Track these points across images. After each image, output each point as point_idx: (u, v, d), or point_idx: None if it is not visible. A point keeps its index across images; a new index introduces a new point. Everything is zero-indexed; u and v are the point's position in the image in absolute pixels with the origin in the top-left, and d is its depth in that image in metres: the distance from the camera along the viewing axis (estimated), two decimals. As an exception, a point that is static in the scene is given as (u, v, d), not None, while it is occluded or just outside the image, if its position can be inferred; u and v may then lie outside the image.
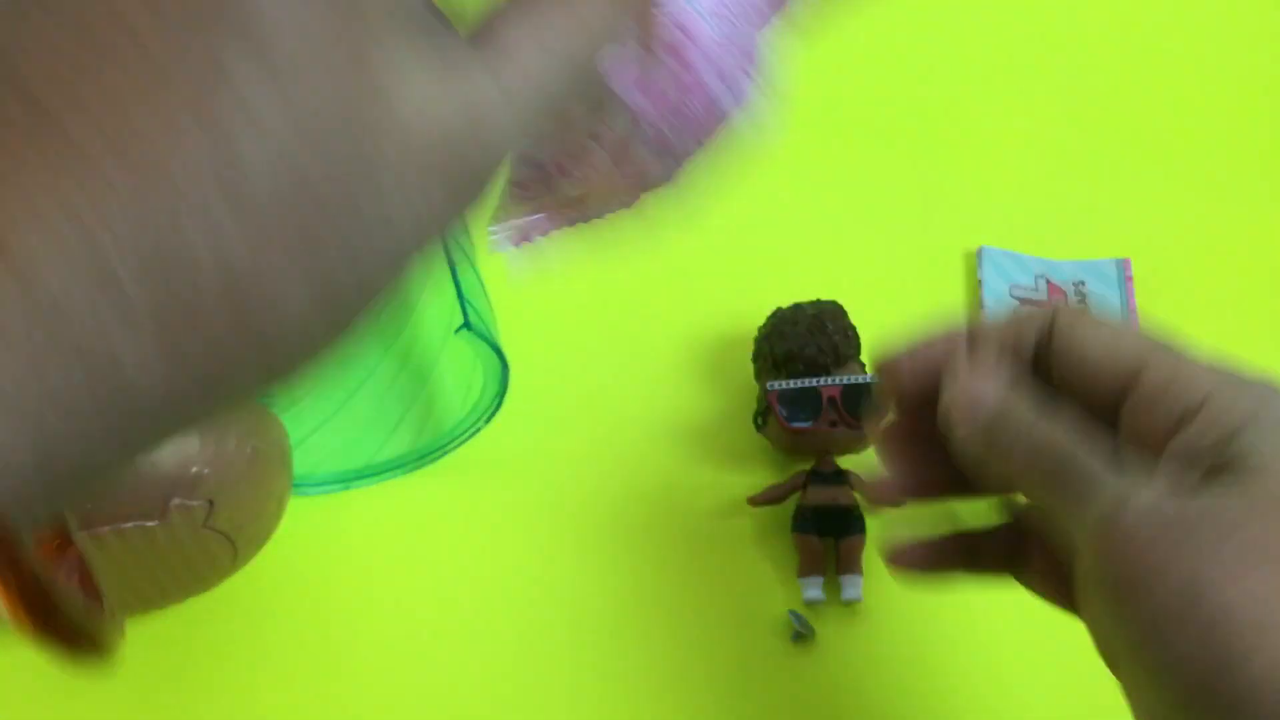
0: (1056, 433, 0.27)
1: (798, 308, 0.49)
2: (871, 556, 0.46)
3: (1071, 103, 0.61)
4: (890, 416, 0.33)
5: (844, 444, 0.47)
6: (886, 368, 0.31)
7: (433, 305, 0.52)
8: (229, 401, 0.17)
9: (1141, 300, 0.54)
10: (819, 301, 0.49)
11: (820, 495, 0.46)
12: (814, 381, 0.47)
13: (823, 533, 0.46)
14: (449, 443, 0.47)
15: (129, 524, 0.37)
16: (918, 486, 0.32)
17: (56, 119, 0.15)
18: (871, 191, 0.57)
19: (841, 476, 0.47)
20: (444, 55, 0.18)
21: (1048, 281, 0.54)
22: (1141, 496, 0.25)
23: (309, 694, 0.43)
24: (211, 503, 0.38)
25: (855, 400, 0.46)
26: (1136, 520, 0.25)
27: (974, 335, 0.31)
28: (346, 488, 0.47)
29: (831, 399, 0.46)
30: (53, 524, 0.19)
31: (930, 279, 0.55)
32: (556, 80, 0.20)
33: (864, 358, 0.49)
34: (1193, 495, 0.25)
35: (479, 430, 0.47)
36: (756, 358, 0.49)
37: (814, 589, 0.45)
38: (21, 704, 0.43)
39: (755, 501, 0.47)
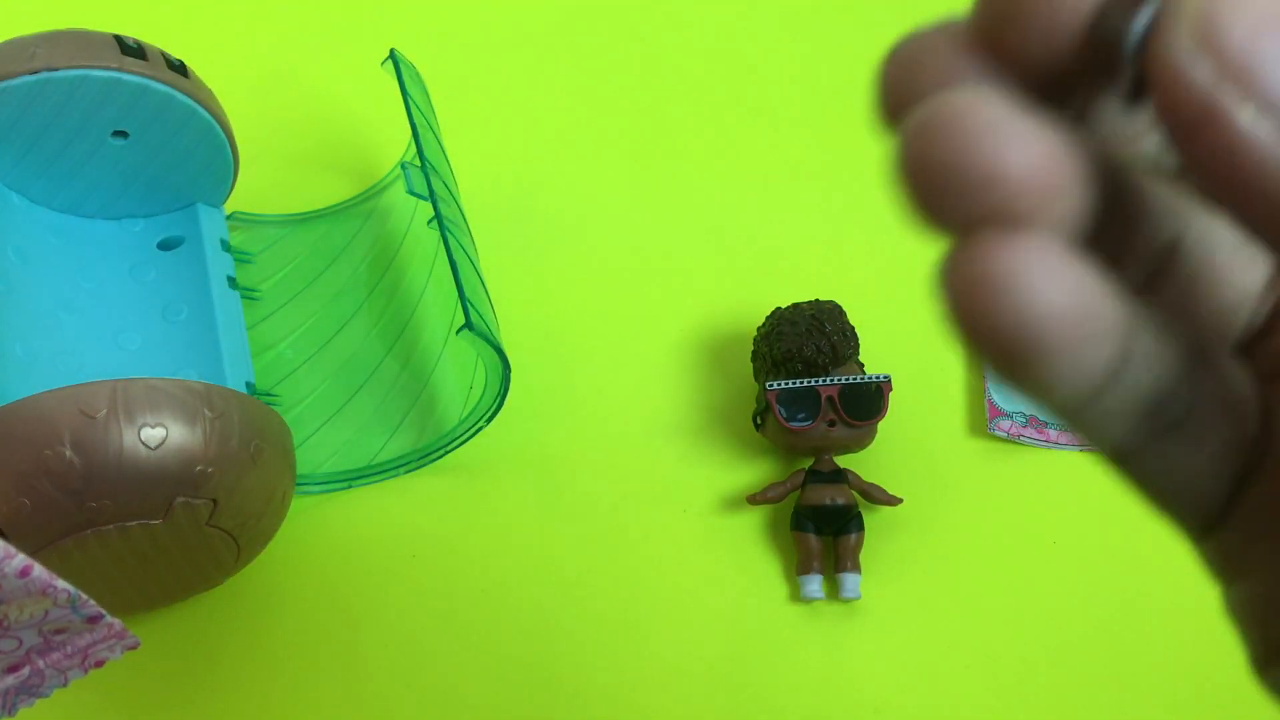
0: None
1: (797, 308, 0.49)
2: (869, 555, 0.46)
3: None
4: None
5: (842, 443, 0.47)
6: None
7: (435, 305, 0.52)
8: None
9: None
10: (818, 301, 0.49)
11: (818, 494, 0.46)
12: (812, 381, 0.47)
13: (821, 531, 0.46)
14: (450, 442, 0.47)
15: (133, 522, 0.37)
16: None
17: None
18: (871, 192, 0.58)
19: (840, 475, 0.47)
20: None
21: (1045, 282, 0.54)
22: None
23: (311, 692, 0.44)
24: (215, 501, 0.38)
25: (854, 400, 0.47)
26: None
27: None
28: (349, 487, 0.48)
29: (830, 399, 0.47)
30: None
31: (929, 280, 0.55)
32: None
33: (863, 358, 0.49)
34: None
35: (480, 430, 0.47)
36: (755, 357, 0.50)
37: (812, 587, 0.45)
38: (26, 701, 0.43)
39: (754, 500, 0.47)
